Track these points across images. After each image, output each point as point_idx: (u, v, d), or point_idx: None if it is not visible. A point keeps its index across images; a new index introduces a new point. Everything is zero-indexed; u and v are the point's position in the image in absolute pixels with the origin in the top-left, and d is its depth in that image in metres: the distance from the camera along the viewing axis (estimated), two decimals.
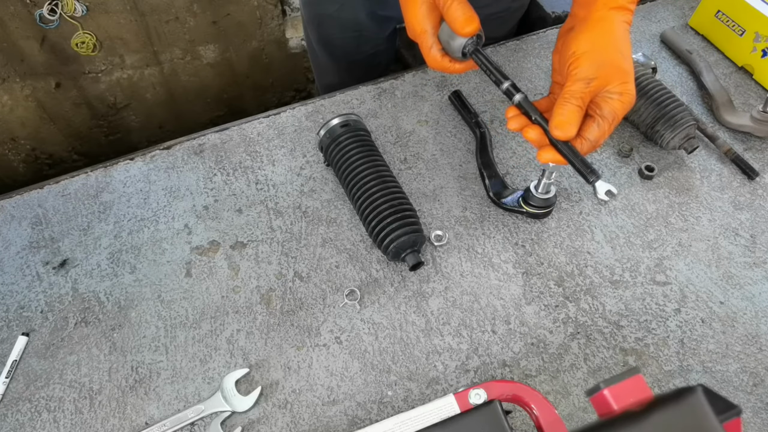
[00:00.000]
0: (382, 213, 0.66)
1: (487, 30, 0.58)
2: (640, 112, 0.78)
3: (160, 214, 0.74)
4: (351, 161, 0.70)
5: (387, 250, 0.66)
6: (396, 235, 0.65)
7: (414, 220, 0.67)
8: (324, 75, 1.19)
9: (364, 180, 0.68)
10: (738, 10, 0.87)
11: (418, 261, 0.65)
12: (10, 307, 0.66)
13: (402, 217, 0.66)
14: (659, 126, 0.76)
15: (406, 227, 0.65)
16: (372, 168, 0.69)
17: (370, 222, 0.67)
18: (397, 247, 0.65)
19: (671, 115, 0.75)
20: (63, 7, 1.37)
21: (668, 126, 0.75)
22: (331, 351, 0.63)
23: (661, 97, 0.77)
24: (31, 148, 1.68)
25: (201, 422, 0.58)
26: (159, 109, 1.75)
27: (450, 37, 0.57)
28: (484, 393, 0.43)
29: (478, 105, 0.85)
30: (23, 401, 0.60)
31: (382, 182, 0.68)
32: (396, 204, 0.66)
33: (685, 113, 0.75)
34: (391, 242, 0.65)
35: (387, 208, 0.66)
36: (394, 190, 0.68)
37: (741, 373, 0.61)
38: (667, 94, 0.77)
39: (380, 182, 0.68)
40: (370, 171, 0.69)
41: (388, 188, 0.68)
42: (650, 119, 0.77)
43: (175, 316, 0.65)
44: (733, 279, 0.68)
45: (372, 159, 0.70)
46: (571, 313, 0.65)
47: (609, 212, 0.74)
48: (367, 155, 0.71)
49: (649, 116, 0.77)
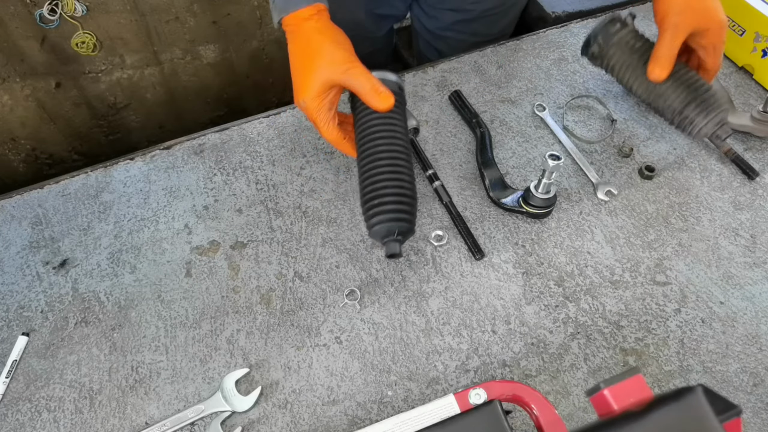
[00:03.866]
0: (375, 192, 0.61)
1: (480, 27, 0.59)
2: (666, 96, 0.71)
3: (160, 214, 0.74)
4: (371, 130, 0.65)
5: (370, 231, 0.62)
6: (379, 219, 0.61)
7: (404, 207, 0.62)
8: None
9: (375, 153, 0.63)
10: (738, 10, 0.87)
11: (394, 252, 0.60)
12: (10, 306, 0.66)
13: (394, 202, 0.61)
14: (689, 111, 0.69)
15: (392, 213, 0.61)
16: (388, 144, 0.64)
17: (364, 198, 0.63)
18: (378, 231, 0.61)
19: (704, 98, 0.68)
20: (63, 7, 1.37)
21: (700, 111, 0.68)
22: (331, 351, 0.63)
23: (691, 79, 0.69)
24: (31, 148, 1.68)
25: (201, 422, 0.58)
26: (159, 109, 1.75)
27: None
28: (484, 393, 0.43)
29: (478, 105, 0.85)
30: (23, 401, 0.60)
31: (390, 160, 0.63)
32: (393, 186, 0.62)
33: (718, 95, 0.68)
34: (374, 225, 0.61)
35: (383, 188, 0.61)
36: (399, 171, 0.63)
37: (741, 373, 0.61)
38: (696, 76, 0.70)
39: (388, 160, 0.63)
40: (384, 146, 0.64)
41: (394, 169, 0.63)
42: (679, 105, 0.70)
43: (175, 316, 0.65)
44: (733, 279, 0.68)
45: (392, 135, 0.65)
46: (571, 313, 0.65)
47: (609, 212, 0.74)
48: (390, 129, 0.65)
49: (677, 101, 0.70)
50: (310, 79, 0.61)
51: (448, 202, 0.73)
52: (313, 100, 0.62)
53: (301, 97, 0.63)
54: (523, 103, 0.86)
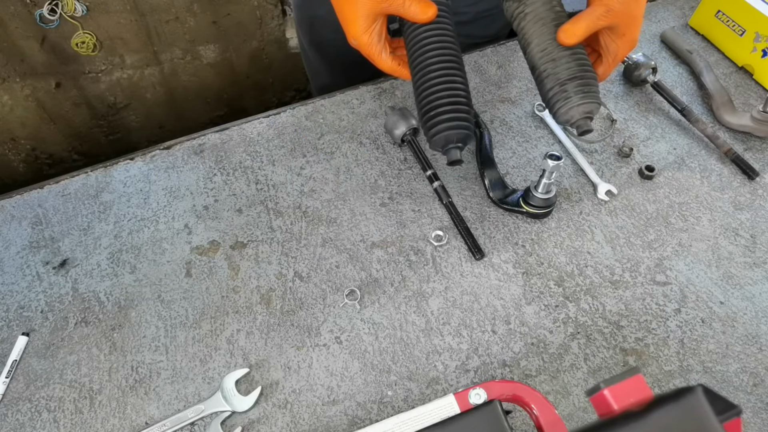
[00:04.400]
0: (430, 104, 0.61)
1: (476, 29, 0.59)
2: (558, 62, 0.61)
3: (160, 214, 0.74)
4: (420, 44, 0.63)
5: (430, 143, 0.62)
6: (438, 129, 0.60)
7: (460, 115, 0.61)
8: (317, 77, 1.19)
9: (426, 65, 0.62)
10: (738, 10, 0.87)
11: (455, 158, 0.61)
12: (10, 307, 0.66)
13: (450, 111, 0.60)
14: (571, 86, 0.60)
15: (449, 122, 0.60)
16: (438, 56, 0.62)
17: (421, 112, 0.62)
18: (438, 141, 0.61)
19: (590, 83, 0.60)
20: (63, 7, 1.37)
21: (581, 91, 0.60)
22: (331, 351, 0.63)
23: (587, 63, 0.62)
24: (31, 148, 1.68)
25: (201, 422, 0.58)
26: (159, 109, 1.75)
27: (393, 126, 0.78)
28: (484, 393, 0.43)
29: (478, 105, 0.85)
30: (23, 401, 0.60)
31: (443, 70, 0.62)
32: (448, 96, 0.61)
33: (595, 84, 0.61)
34: (433, 135, 0.61)
35: (438, 98, 0.61)
36: (452, 79, 0.62)
37: (741, 373, 0.61)
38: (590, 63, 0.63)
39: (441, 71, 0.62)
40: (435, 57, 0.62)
41: (448, 78, 0.61)
42: (566, 76, 0.61)
43: (175, 316, 0.65)
44: (733, 279, 0.68)
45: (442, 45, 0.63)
46: (571, 313, 0.65)
47: (609, 212, 0.74)
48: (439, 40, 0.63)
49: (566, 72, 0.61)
50: (353, 17, 0.62)
51: (448, 202, 0.73)
52: (362, 36, 0.62)
53: (351, 37, 0.63)
54: (523, 103, 0.86)
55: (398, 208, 0.74)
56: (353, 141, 0.82)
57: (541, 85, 0.64)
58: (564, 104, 0.61)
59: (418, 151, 0.78)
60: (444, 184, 0.75)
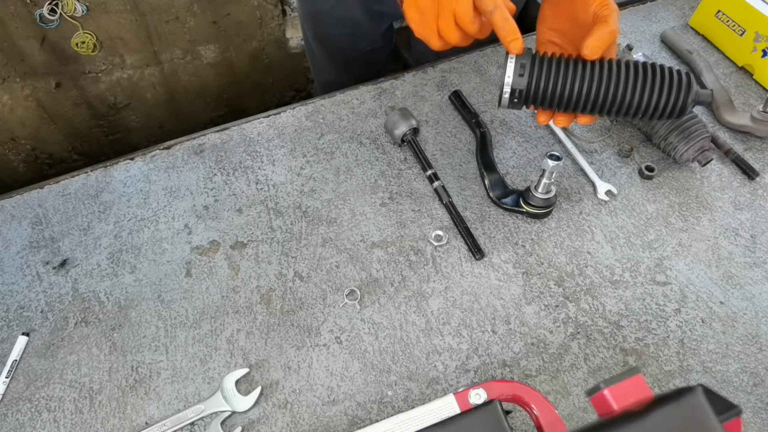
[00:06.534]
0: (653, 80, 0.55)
1: None
2: (653, 124, 0.78)
3: (160, 214, 0.74)
4: None
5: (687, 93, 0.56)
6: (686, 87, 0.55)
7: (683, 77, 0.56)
8: (321, 72, 1.19)
9: None
10: (738, 10, 0.87)
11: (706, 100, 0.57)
12: (10, 307, 0.66)
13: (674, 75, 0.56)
14: (673, 138, 0.75)
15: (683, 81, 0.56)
16: None
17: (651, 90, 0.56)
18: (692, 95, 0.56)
19: (685, 127, 0.74)
20: (63, 7, 1.37)
21: (682, 138, 0.74)
22: (331, 351, 0.63)
23: None
24: (31, 148, 1.68)
25: (201, 422, 0.58)
26: (159, 109, 1.75)
27: (393, 126, 0.78)
28: (484, 393, 0.42)
29: (478, 105, 0.85)
30: (23, 401, 0.60)
31: None
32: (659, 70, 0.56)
33: (699, 125, 0.74)
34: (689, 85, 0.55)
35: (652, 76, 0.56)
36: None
37: (741, 373, 0.61)
38: None
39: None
40: None
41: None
42: (664, 131, 0.76)
43: (175, 316, 0.65)
44: (733, 279, 0.68)
45: None
46: (571, 313, 0.65)
47: (609, 212, 0.74)
48: None
49: (663, 128, 0.76)
50: None
51: (449, 202, 0.73)
52: None
53: None
54: None
55: (398, 208, 0.74)
56: (353, 141, 0.82)
57: (651, 140, 0.79)
58: (675, 153, 0.76)
59: (418, 151, 0.78)
60: (444, 184, 0.75)
